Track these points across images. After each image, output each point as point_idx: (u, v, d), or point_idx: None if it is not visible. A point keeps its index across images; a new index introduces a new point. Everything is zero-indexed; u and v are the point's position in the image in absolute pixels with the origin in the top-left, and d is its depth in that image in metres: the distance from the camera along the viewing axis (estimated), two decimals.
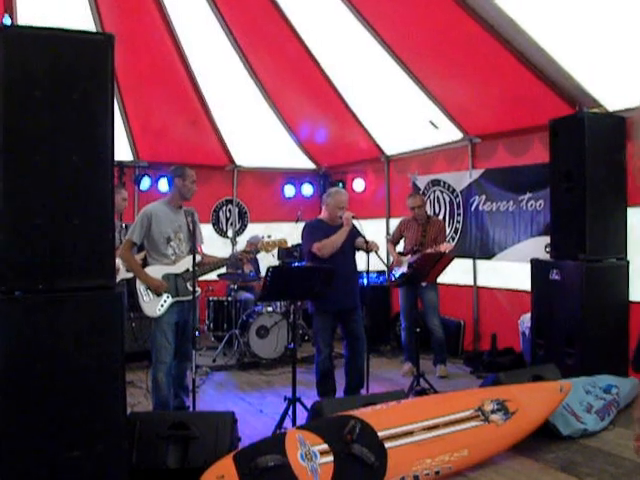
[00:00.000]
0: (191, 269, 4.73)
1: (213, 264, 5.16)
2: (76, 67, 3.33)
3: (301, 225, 5.69)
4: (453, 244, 7.19)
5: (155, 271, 4.89)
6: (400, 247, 7.03)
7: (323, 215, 5.50)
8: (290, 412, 4.67)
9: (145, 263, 5.10)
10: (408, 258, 6.57)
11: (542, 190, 6.56)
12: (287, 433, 3.84)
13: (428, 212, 7.88)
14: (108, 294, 3.39)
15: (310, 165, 10.26)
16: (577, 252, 5.70)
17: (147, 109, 8.41)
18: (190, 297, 4.88)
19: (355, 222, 5.34)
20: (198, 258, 4.92)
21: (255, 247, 5.12)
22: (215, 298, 8.01)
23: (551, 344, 5.90)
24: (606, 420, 4.95)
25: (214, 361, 7.37)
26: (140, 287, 4.85)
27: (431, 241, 6.68)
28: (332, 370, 5.49)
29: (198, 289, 4.91)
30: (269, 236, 5.18)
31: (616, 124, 5.89)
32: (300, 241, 5.67)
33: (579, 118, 5.75)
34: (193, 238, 4.87)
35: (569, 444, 4.60)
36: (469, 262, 7.72)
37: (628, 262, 5.90)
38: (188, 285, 4.90)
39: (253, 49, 8.07)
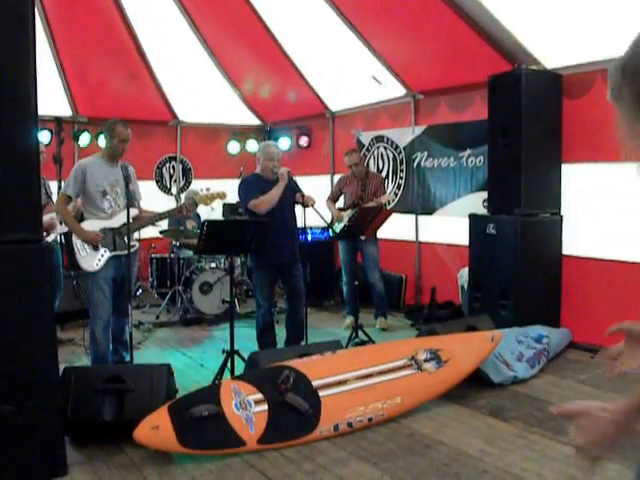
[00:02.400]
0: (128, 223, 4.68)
1: (150, 218, 5.11)
2: None
3: None
4: (392, 195, 7.24)
5: (92, 225, 4.83)
6: (341, 203, 7.08)
7: (258, 170, 5.50)
8: (229, 364, 4.73)
9: (82, 218, 5.03)
10: (348, 212, 6.63)
11: (482, 146, 6.64)
12: (222, 384, 3.91)
13: (370, 167, 7.95)
14: (33, 248, 3.32)
15: (255, 121, 10.16)
16: (512, 207, 5.84)
17: (84, 63, 8.16)
18: (128, 251, 4.84)
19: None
20: (135, 212, 4.87)
21: (193, 200, 5.09)
22: (158, 255, 7.96)
23: (487, 296, 6.07)
24: (536, 368, 5.15)
25: (157, 318, 7.37)
26: (77, 242, 4.79)
27: (371, 195, 6.76)
28: (272, 324, 5.57)
29: (136, 243, 4.89)
30: (208, 189, 5.13)
31: (553, 81, 5.97)
32: None
33: (516, 75, 5.82)
34: (128, 192, 4.81)
35: (499, 391, 4.79)
36: (411, 218, 7.82)
37: (562, 217, 6.07)
38: (125, 239, 4.85)
39: (195, 3, 7.89)
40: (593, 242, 5.77)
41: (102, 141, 8.40)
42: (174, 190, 9.74)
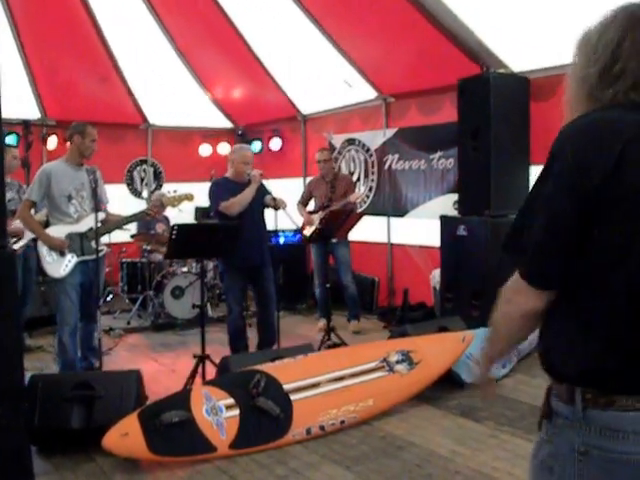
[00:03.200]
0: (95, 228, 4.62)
1: (117, 222, 5.05)
2: None
3: None
4: (364, 195, 7.19)
5: (57, 231, 4.75)
6: (312, 207, 7.07)
7: (229, 173, 5.46)
8: (201, 370, 4.69)
9: (48, 224, 4.95)
10: (319, 215, 6.63)
11: (452, 148, 6.68)
12: (192, 389, 3.89)
13: (342, 170, 7.96)
14: None
15: (227, 124, 10.12)
16: (483, 208, 5.88)
17: (53, 65, 8.05)
18: (95, 256, 4.77)
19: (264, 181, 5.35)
20: (101, 216, 4.81)
21: (160, 202, 5.04)
22: (128, 260, 7.87)
23: (459, 297, 6.10)
24: (507, 367, 5.19)
25: (128, 323, 7.28)
26: (42, 248, 4.71)
27: (341, 196, 6.77)
28: (244, 328, 5.53)
29: (103, 248, 4.82)
30: (175, 191, 5.09)
31: (520, 85, 6.05)
32: None
33: (485, 78, 5.88)
34: (95, 196, 4.74)
35: (471, 391, 4.80)
36: (383, 220, 7.84)
37: None
38: (93, 244, 4.78)
39: (165, 5, 7.83)
40: None
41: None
42: (145, 193, 9.65)
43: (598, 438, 1.29)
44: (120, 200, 8.06)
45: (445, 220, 6.33)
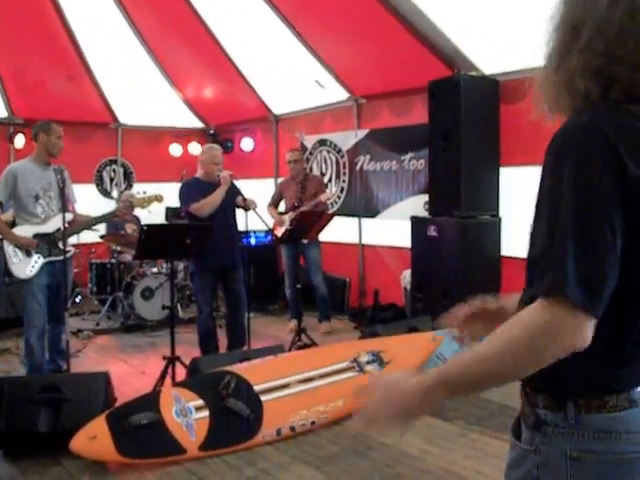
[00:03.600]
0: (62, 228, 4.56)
1: (85, 222, 4.99)
2: None
3: None
4: (333, 193, 7.15)
5: (24, 231, 4.68)
6: (282, 208, 7.08)
7: (199, 173, 5.44)
8: (170, 371, 4.66)
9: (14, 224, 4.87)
10: (289, 215, 6.63)
11: (423, 150, 6.71)
12: (162, 391, 3.86)
13: (314, 171, 7.96)
14: None
15: (198, 124, 10.06)
16: (453, 209, 5.92)
17: (21, 63, 7.92)
18: (62, 257, 4.71)
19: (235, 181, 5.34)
20: (69, 217, 4.75)
21: (130, 203, 4.99)
22: (98, 261, 7.78)
23: (429, 298, 6.13)
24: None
25: (97, 325, 7.20)
26: (8, 248, 4.64)
27: (311, 197, 6.78)
28: (214, 329, 5.51)
29: (71, 249, 4.76)
30: (144, 192, 5.04)
31: (490, 87, 6.10)
32: None
33: (456, 80, 5.93)
34: (63, 196, 4.68)
35: None
36: (354, 221, 7.86)
37: (500, 219, 6.19)
38: (60, 245, 4.72)
39: (136, 5, 7.76)
40: None
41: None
42: (115, 194, 9.54)
43: (592, 442, 1.25)
44: (89, 200, 7.97)
45: (415, 221, 6.38)
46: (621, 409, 1.24)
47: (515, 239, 6.08)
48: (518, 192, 6.04)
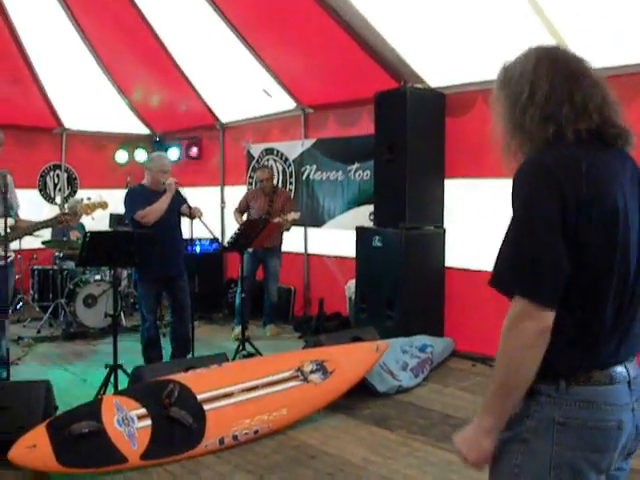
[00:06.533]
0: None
1: (27, 228, 4.84)
2: None
3: None
4: (299, 214, 7.11)
5: None
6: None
7: (145, 180, 5.38)
8: (113, 379, 4.57)
9: None
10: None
11: (369, 160, 6.78)
12: (103, 399, 3.78)
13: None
14: None
15: (144, 130, 9.94)
16: (398, 220, 6.00)
17: None
18: (3, 263, 4.57)
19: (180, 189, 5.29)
20: (11, 222, 4.62)
21: (75, 210, 4.88)
22: (40, 267, 7.62)
23: (373, 308, 6.19)
24: (420, 377, 5.31)
25: (39, 332, 7.03)
26: None
27: (278, 211, 6.81)
28: (158, 337, 5.45)
29: (11, 254, 4.63)
30: (89, 198, 4.94)
31: (436, 100, 6.22)
32: None
33: (402, 92, 6.01)
34: (5, 202, 4.55)
35: (384, 400, 4.89)
36: (300, 230, 7.87)
37: (445, 230, 6.31)
38: (1, 250, 4.58)
39: (82, 8, 7.63)
40: (473, 254, 5.99)
41: None
42: (58, 199, 9.33)
43: (577, 410, 1.51)
44: (32, 206, 7.80)
45: (361, 231, 6.43)
46: (602, 384, 1.53)
47: (459, 250, 6.21)
48: (463, 204, 6.17)
